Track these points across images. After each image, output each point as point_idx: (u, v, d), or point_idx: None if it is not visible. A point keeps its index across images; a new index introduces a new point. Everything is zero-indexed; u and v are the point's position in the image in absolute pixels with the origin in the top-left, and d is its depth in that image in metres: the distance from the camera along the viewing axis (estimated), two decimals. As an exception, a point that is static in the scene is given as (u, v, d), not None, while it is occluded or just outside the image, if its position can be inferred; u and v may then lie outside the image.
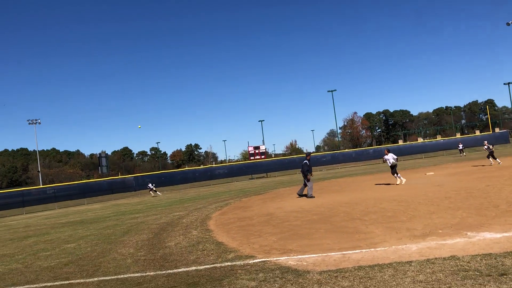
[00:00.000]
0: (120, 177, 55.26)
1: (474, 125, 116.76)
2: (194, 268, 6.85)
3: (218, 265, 6.87)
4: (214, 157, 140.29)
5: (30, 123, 69.79)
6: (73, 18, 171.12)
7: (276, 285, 5.37)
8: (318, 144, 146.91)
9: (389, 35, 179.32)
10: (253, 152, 56.22)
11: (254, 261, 6.91)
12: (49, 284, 6.92)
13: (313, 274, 5.67)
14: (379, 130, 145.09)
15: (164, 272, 6.81)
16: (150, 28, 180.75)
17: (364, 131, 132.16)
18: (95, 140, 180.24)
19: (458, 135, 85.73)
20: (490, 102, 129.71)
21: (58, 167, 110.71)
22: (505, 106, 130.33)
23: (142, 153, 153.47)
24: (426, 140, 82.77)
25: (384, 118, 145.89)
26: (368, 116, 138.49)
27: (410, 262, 5.67)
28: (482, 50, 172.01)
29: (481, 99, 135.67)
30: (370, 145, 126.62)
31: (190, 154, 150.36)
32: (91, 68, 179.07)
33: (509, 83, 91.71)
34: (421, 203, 11.34)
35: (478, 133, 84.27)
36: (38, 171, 75.09)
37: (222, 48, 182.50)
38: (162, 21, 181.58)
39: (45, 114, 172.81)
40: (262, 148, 57.46)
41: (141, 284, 6.20)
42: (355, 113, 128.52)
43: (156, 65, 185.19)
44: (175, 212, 17.26)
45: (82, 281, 6.86)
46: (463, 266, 5.17)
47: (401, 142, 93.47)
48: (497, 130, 79.83)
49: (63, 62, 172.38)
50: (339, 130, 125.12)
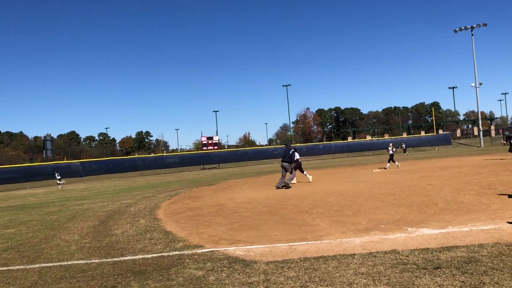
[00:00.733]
0: (65, 161, 53.33)
1: (420, 126, 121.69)
2: (141, 256, 6.78)
3: (166, 254, 6.84)
4: (165, 145, 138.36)
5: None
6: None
7: (223, 274, 5.43)
8: (271, 137, 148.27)
9: (342, 35, 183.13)
10: (206, 142, 55.90)
11: (202, 250, 6.93)
12: (-14, 270, 6.64)
13: (260, 264, 5.77)
14: (330, 126, 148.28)
15: (110, 260, 6.70)
16: (101, 8, 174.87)
17: (315, 127, 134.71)
18: (40, 122, 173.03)
19: (405, 135, 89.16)
20: (436, 105, 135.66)
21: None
22: (449, 109, 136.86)
23: (90, 138, 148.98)
24: (374, 138, 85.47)
25: (335, 115, 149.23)
26: (320, 112, 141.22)
27: (353, 254, 5.90)
28: (431, 55, 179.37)
29: (427, 101, 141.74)
30: (321, 140, 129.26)
31: (141, 141, 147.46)
32: (37, 44, 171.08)
33: (453, 87, 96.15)
34: (366, 199, 11.75)
35: (423, 133, 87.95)
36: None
37: (178, 35, 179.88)
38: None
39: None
40: (216, 138, 57.26)
41: (85, 271, 6.07)
42: (308, 108, 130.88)
43: (108, 46, 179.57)
44: (123, 200, 16.93)
45: (22, 267, 6.63)
46: (402, 260, 5.44)
47: (350, 139, 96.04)
48: (440, 131, 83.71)
49: (4, 37, 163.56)
50: (292, 125, 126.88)
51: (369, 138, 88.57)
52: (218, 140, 59.97)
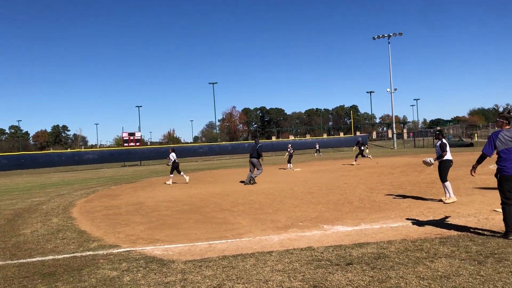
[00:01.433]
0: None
1: (340, 127, 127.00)
2: (51, 257, 6.39)
3: (79, 254, 6.51)
4: (83, 140, 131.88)
5: None
6: None
7: (139, 274, 5.27)
8: (196, 135, 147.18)
9: (268, 37, 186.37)
10: (127, 138, 54.18)
11: (118, 250, 6.69)
12: None
13: (178, 263, 5.68)
14: (255, 125, 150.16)
15: (15, 261, 6.24)
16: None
17: (241, 126, 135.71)
18: None
19: (325, 136, 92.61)
20: (355, 108, 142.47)
21: None
22: (366, 112, 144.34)
23: None
24: (296, 138, 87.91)
25: (260, 114, 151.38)
26: (246, 111, 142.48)
27: (271, 252, 5.99)
28: (351, 61, 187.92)
29: (347, 104, 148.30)
30: (246, 139, 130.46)
31: (57, 136, 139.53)
32: None
33: (370, 92, 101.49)
34: (286, 197, 12.03)
35: (342, 135, 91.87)
36: None
37: (99, 26, 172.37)
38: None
39: None
40: (138, 135, 55.69)
41: (-14, 275, 5.60)
42: (234, 107, 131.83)
43: (23, 31, 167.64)
44: (35, 197, 15.90)
45: None
46: (317, 256, 5.62)
47: (274, 138, 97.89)
48: (358, 133, 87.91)
49: None
50: (218, 123, 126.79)
51: (292, 138, 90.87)
52: (141, 136, 58.38)
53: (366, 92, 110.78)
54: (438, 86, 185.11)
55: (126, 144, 53.81)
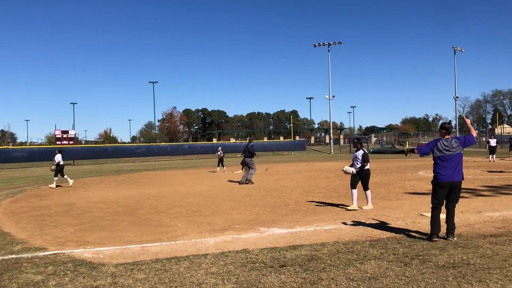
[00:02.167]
0: None
1: (280, 131, 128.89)
2: (-32, 261, 5.94)
3: (0, 258, 6.10)
4: (12, 137, 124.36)
5: None
6: None
7: (66, 278, 5.02)
8: (134, 134, 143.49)
9: (212, 38, 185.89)
10: (60, 136, 51.77)
11: (45, 253, 6.34)
12: None
13: (108, 266, 5.47)
14: (196, 127, 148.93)
15: None
16: None
17: (182, 127, 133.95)
18: None
19: (266, 139, 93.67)
20: (295, 113, 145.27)
21: None
22: (305, 118, 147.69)
23: None
24: (237, 141, 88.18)
25: (202, 116, 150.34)
26: (187, 112, 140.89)
27: (206, 255, 5.94)
28: (292, 66, 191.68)
29: (288, 109, 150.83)
30: (186, 140, 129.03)
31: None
32: None
33: (310, 98, 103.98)
34: (225, 199, 12.01)
35: (282, 139, 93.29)
36: None
37: (36, 17, 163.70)
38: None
39: None
40: (72, 133, 53.37)
41: None
42: (175, 108, 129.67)
43: None
44: (-46, 197, 14.75)
45: None
46: (252, 259, 5.64)
47: (215, 141, 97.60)
48: (297, 138, 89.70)
49: None
50: (158, 123, 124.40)
51: (233, 140, 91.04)
52: (75, 134, 56.04)
53: (306, 98, 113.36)
54: (374, 95, 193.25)
55: (58, 142, 51.34)
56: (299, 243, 6.48)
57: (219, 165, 25.20)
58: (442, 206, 6.52)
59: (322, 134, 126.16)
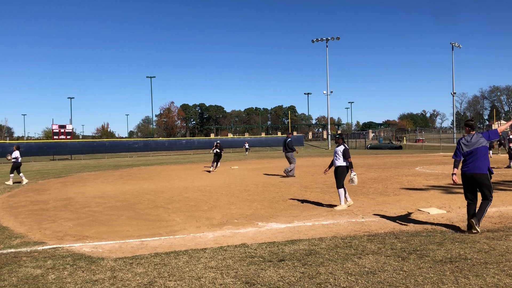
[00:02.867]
0: None
1: (277, 127, 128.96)
2: (-34, 255, 5.95)
3: (-1, 252, 6.12)
4: (9, 132, 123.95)
5: None
6: None
7: (65, 272, 5.04)
8: (132, 129, 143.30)
9: (207, 34, 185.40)
10: (57, 131, 51.64)
11: (44, 247, 6.36)
12: None
13: (107, 261, 5.49)
14: (194, 122, 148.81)
15: None
16: None
17: (179, 122, 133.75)
18: None
19: (263, 135, 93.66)
20: (292, 108, 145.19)
21: None
22: (303, 113, 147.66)
23: None
24: (235, 136, 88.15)
25: (199, 111, 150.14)
26: (184, 107, 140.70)
27: (205, 249, 5.96)
28: (291, 62, 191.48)
29: (285, 105, 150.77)
30: (184, 135, 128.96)
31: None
32: None
33: (308, 93, 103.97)
34: (223, 194, 12.03)
35: (280, 134, 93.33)
36: None
37: (33, 12, 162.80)
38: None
39: None
40: (69, 127, 53.25)
41: None
42: (172, 102, 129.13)
43: None
44: (-49, 191, 14.72)
45: None
46: (250, 253, 5.66)
47: (212, 136, 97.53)
48: (295, 133, 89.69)
49: None
50: (155, 118, 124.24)
51: (230, 136, 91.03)
52: (72, 129, 55.95)
53: (304, 93, 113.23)
54: (371, 91, 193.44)
55: (56, 137, 51.25)
56: (298, 238, 6.51)
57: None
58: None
59: (320, 129, 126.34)
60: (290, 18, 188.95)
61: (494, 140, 6.95)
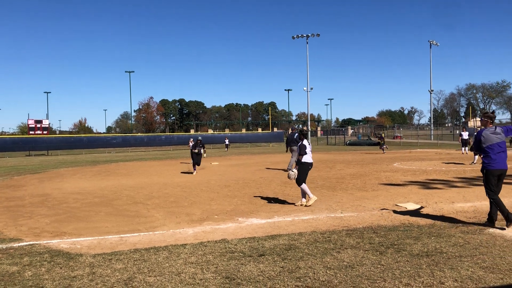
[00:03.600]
0: None
1: (258, 123, 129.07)
2: None
3: (-27, 249, 5.99)
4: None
5: None
6: None
7: (42, 269, 4.97)
8: (110, 125, 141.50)
9: (189, 29, 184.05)
10: (33, 126, 50.63)
11: (20, 244, 6.25)
12: None
13: (86, 257, 5.44)
14: (174, 117, 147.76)
15: None
16: None
17: (158, 117, 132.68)
18: None
19: (244, 131, 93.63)
20: (273, 105, 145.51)
21: None
22: (284, 109, 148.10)
23: None
24: (215, 132, 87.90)
25: (179, 106, 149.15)
26: (164, 102, 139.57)
27: (185, 245, 5.95)
28: (272, 58, 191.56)
29: (266, 101, 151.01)
30: (163, 131, 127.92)
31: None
32: None
33: (288, 90, 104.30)
34: (203, 190, 12.00)
35: (260, 130, 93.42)
36: None
37: (3, 7, 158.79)
38: None
39: None
40: (45, 122, 52.25)
41: None
42: (151, 98, 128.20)
43: None
44: None
45: None
46: (231, 248, 5.68)
47: (192, 132, 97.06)
48: (275, 129, 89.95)
49: None
50: (134, 113, 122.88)
51: (210, 131, 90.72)
52: (49, 124, 54.92)
53: (284, 89, 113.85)
54: (351, 88, 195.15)
55: (32, 132, 50.24)
56: (277, 233, 6.55)
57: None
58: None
59: (300, 126, 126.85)
60: (271, 14, 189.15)
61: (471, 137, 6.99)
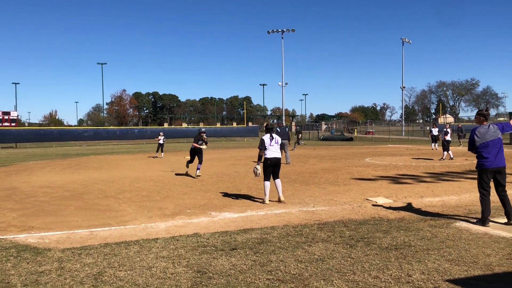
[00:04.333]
0: None
1: (233, 117, 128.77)
2: None
3: None
4: None
5: None
6: None
7: (9, 264, 4.85)
8: (81, 117, 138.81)
9: (163, 20, 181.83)
10: (1, 117, 49.20)
11: (-15, 239, 6.08)
12: None
13: (54, 251, 5.33)
14: (147, 111, 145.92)
15: None
16: None
17: (131, 110, 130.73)
18: None
19: (218, 125, 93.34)
20: (248, 99, 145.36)
21: None
22: (259, 104, 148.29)
23: None
24: (190, 126, 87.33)
25: (153, 99, 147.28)
26: (137, 95, 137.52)
27: (157, 239, 5.91)
28: (247, 52, 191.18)
29: (241, 95, 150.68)
30: (136, 124, 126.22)
31: None
32: None
33: (263, 85, 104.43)
34: (176, 184, 11.92)
35: (235, 125, 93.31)
36: None
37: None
38: None
39: None
40: (14, 114, 50.87)
41: None
42: (124, 90, 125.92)
43: None
44: None
45: None
46: (203, 242, 5.67)
47: (166, 125, 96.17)
48: (250, 124, 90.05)
49: None
50: (106, 106, 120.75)
51: (185, 125, 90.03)
52: (17, 116, 53.49)
53: (260, 84, 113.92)
54: (325, 84, 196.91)
55: (-1, 124, 48.83)
56: (250, 227, 6.57)
57: (159, 150, 24.05)
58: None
59: (275, 120, 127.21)
60: (246, 8, 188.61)
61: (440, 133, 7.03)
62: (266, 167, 8.80)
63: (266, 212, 7.83)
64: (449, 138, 19.39)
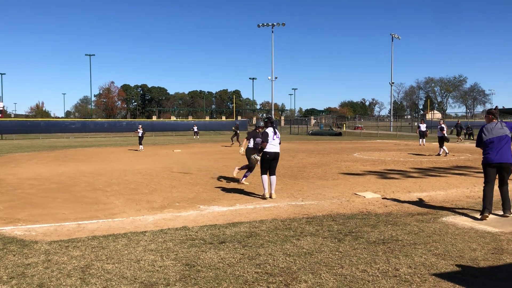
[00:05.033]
0: None
1: (222, 111, 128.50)
2: None
3: None
4: None
5: None
6: None
7: (-6, 257, 4.79)
8: (69, 109, 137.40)
9: (152, 12, 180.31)
10: (-13, 108, 48.49)
11: (-30, 231, 6.00)
12: None
13: (41, 244, 5.28)
14: (135, 103, 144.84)
15: None
16: None
17: (120, 103, 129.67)
18: None
19: (207, 118, 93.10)
20: (237, 93, 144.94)
21: None
22: (248, 98, 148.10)
23: None
24: (178, 119, 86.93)
25: (141, 92, 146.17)
26: (125, 88, 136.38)
27: (145, 232, 5.88)
28: (236, 45, 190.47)
29: (230, 89, 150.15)
30: (125, 117, 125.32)
31: None
32: None
33: (253, 78, 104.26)
34: (164, 178, 11.87)
35: (224, 118, 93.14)
36: None
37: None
38: None
39: None
40: (0, 105, 50.13)
41: None
42: (112, 82, 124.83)
43: None
44: None
45: None
46: (191, 236, 5.66)
47: (155, 118, 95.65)
48: (239, 118, 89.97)
49: None
50: (94, 98, 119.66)
51: (173, 118, 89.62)
52: (3, 107, 52.76)
53: (249, 78, 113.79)
54: (314, 79, 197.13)
55: (-15, 115, 48.13)
56: (239, 221, 6.57)
57: (140, 143, 24.57)
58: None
59: (264, 115, 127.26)
60: (236, 1, 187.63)
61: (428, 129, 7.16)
62: (264, 161, 8.61)
63: (255, 206, 7.84)
64: (445, 133, 19.40)
